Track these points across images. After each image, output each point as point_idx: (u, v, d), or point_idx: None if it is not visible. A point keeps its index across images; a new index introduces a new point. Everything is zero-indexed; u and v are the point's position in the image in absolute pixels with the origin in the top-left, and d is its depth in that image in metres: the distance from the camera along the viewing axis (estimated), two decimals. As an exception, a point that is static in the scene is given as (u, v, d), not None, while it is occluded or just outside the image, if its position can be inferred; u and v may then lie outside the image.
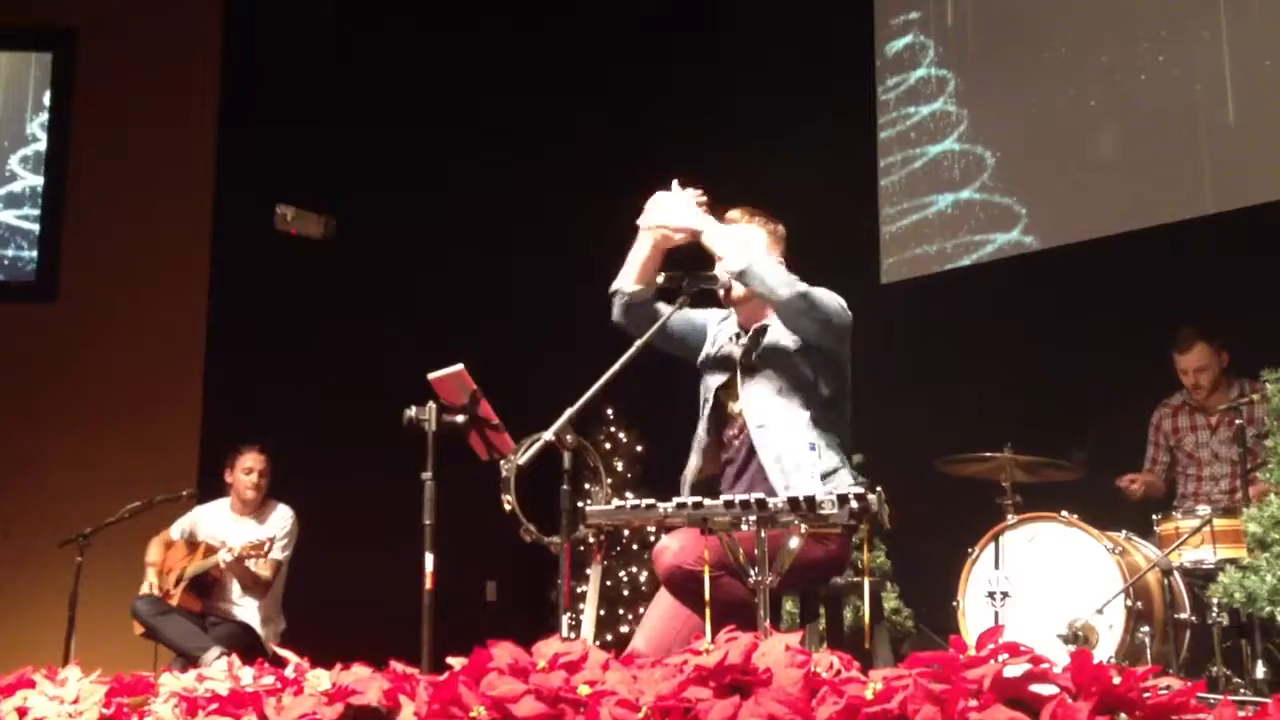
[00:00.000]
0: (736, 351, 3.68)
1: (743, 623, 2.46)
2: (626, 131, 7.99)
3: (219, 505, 6.18)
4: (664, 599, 3.52)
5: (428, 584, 3.70)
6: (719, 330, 3.81)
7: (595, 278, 7.35)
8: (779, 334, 3.60)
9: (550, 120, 8.15)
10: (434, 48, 8.18)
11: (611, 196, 7.84)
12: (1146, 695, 1.92)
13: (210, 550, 5.90)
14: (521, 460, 3.24)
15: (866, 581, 3.08)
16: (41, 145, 8.16)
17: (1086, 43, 6.65)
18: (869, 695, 2.00)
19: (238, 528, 6.03)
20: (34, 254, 8.07)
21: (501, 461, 3.35)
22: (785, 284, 3.43)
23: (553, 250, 7.89)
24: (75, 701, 3.18)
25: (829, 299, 3.52)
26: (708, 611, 2.81)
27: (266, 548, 5.66)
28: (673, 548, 3.26)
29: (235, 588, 5.90)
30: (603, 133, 8.08)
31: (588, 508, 3.10)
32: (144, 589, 5.90)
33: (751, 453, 3.56)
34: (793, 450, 3.46)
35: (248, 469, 6.07)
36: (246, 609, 5.91)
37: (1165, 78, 6.33)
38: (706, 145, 7.80)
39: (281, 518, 6.06)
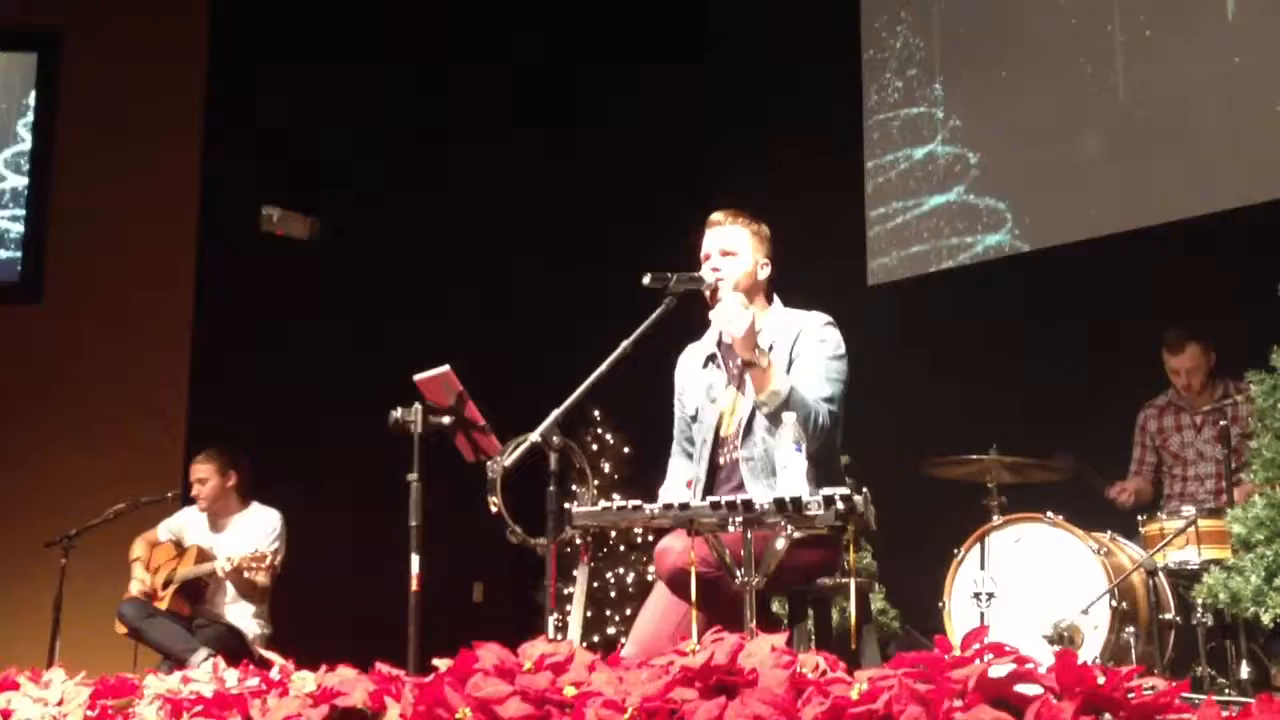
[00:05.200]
0: (723, 378, 3.68)
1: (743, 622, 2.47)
2: (617, 133, 7.99)
3: (197, 511, 6.16)
4: (655, 605, 3.50)
5: (414, 585, 3.69)
6: (692, 374, 3.76)
7: (583, 277, 7.41)
8: (770, 347, 3.59)
9: (540, 121, 8.15)
10: (425, 48, 8.17)
11: (603, 198, 7.91)
12: (1131, 695, 1.92)
13: (203, 555, 5.85)
14: (508, 461, 3.25)
15: (853, 582, 3.08)
16: (27, 145, 8.13)
17: (1073, 44, 6.66)
18: (854, 695, 2.01)
19: (223, 535, 5.99)
20: (19, 255, 8.04)
21: (488, 463, 3.35)
22: (806, 419, 3.30)
23: (540, 251, 7.89)
24: (59, 704, 3.17)
25: (818, 430, 3.42)
26: (694, 612, 2.82)
27: (269, 561, 5.62)
28: (676, 548, 3.21)
29: (226, 592, 5.87)
30: (593, 135, 8.08)
31: (574, 509, 3.10)
32: (133, 587, 5.88)
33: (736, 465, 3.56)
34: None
35: (199, 479, 5.99)
36: (235, 612, 5.88)
37: (1151, 79, 6.35)
38: (695, 148, 7.83)
39: (268, 521, 6.00)
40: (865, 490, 2.84)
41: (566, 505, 3.13)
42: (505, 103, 8.15)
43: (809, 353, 3.56)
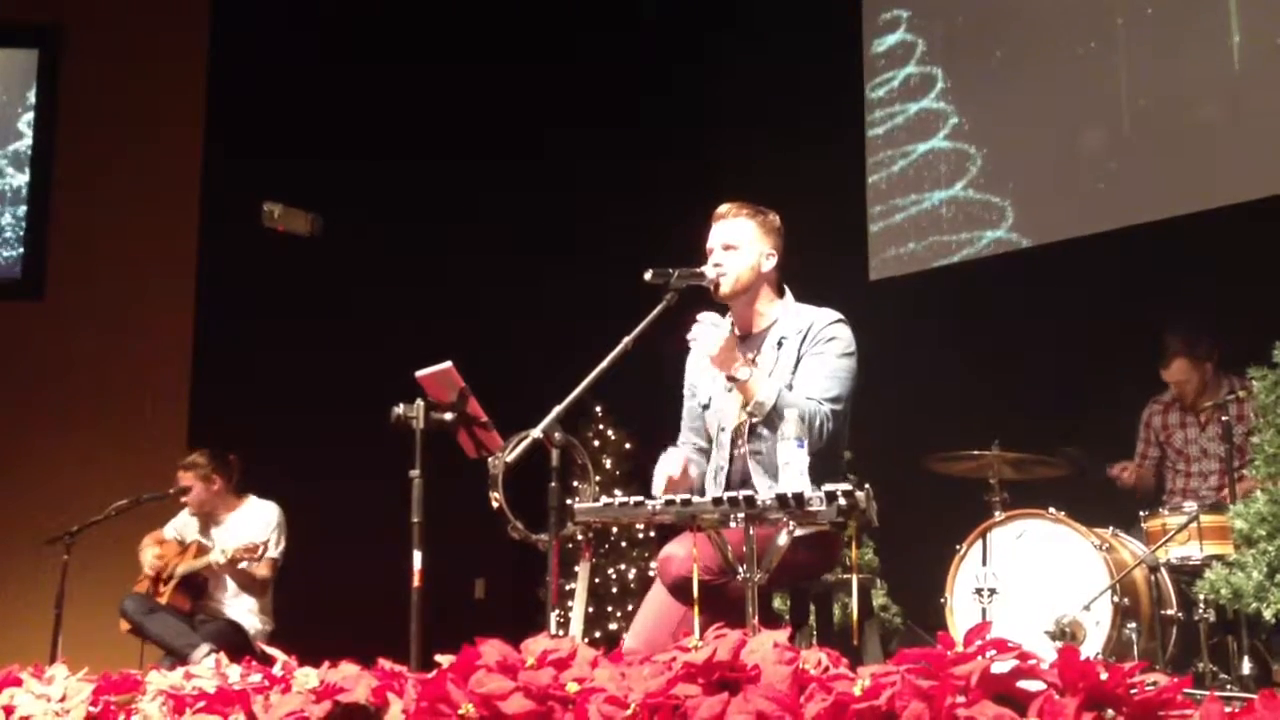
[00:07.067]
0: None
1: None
2: (619, 131, 7.98)
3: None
4: (655, 600, 3.50)
5: (416, 582, 3.69)
6: (707, 365, 3.70)
7: (584, 275, 7.41)
8: (779, 343, 3.58)
9: (540, 121, 8.14)
10: (425, 48, 8.16)
11: (603, 195, 7.90)
12: (1133, 691, 1.92)
13: (202, 550, 5.87)
14: (510, 458, 3.24)
15: (855, 578, 3.08)
16: (28, 142, 8.13)
17: (1074, 40, 6.66)
18: (857, 692, 2.01)
19: (220, 530, 6.00)
20: (20, 251, 8.04)
21: (490, 459, 3.35)
22: (803, 419, 3.24)
23: (541, 248, 7.89)
24: (62, 700, 3.17)
25: (821, 431, 3.40)
26: (697, 615, 2.81)
27: (261, 551, 5.63)
28: (679, 556, 3.20)
29: (227, 587, 5.88)
30: (593, 134, 8.07)
31: (576, 505, 3.09)
32: (146, 569, 5.90)
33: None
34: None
35: (182, 490, 6.00)
36: (236, 607, 5.88)
37: (1153, 74, 6.35)
38: (697, 143, 7.82)
39: (265, 514, 5.99)
40: (867, 486, 2.84)
41: (568, 501, 3.12)
42: (505, 102, 8.14)
43: (817, 351, 3.54)
